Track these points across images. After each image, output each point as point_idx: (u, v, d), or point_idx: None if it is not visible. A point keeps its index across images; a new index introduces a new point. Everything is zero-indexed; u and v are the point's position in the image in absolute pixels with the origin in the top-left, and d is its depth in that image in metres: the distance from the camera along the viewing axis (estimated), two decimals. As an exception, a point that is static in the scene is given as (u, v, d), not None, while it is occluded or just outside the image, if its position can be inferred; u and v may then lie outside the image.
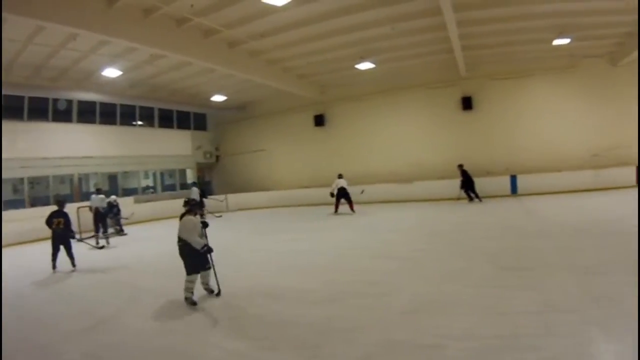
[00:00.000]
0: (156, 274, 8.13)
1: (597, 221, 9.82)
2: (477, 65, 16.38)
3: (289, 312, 5.28)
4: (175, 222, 6.08)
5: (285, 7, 10.22)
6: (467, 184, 15.45)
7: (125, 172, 18.77)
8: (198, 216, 6.22)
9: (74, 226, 9.64)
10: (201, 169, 21.58)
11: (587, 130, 15.91)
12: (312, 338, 4.51)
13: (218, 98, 18.68)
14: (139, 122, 18.89)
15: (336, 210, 15.22)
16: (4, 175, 14.02)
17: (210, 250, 5.93)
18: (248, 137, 21.48)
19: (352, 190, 15.25)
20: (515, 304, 4.93)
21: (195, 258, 5.85)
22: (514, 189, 16.08)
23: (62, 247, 8.86)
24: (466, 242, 8.91)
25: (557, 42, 13.65)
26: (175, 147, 19.84)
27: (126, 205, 15.52)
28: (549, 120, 16.32)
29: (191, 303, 5.75)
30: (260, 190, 20.29)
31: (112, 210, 13.51)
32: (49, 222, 8.83)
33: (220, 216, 17.17)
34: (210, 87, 17.58)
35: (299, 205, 18.74)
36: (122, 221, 14.04)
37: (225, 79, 16.53)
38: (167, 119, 19.62)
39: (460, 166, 15.61)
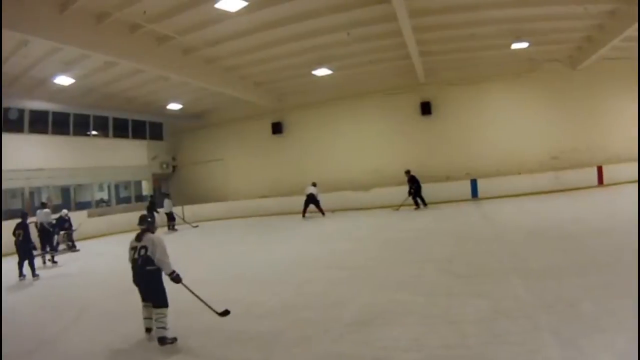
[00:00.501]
0: (106, 291, 7.68)
1: (554, 223, 9.97)
2: (435, 70, 16.53)
3: (234, 327, 5.05)
4: (130, 236, 5.54)
5: (239, 13, 10.03)
6: (416, 190, 15.39)
7: (79, 185, 18.00)
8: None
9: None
10: (157, 180, 20.88)
11: (546, 133, 16.40)
12: (256, 354, 4.34)
13: (174, 106, 18.21)
14: (94, 132, 18.05)
15: (303, 215, 16.10)
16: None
17: (179, 278, 4.94)
18: (205, 146, 20.91)
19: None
20: (465, 312, 4.86)
21: (161, 289, 4.94)
22: (474, 193, 16.28)
23: None
24: (420, 250, 8.89)
25: (515, 46, 13.93)
26: (131, 157, 19.13)
27: (79, 219, 14.71)
28: (509, 123, 16.70)
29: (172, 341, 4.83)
30: (218, 200, 19.73)
31: (64, 225, 12.89)
32: (13, 233, 9.37)
33: (197, 226, 16.65)
34: (165, 95, 17.10)
35: (258, 216, 18.33)
36: (75, 236, 13.39)
37: (180, 87, 16.13)
38: (122, 129, 18.84)
39: (408, 172, 15.51)
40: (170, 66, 12.81)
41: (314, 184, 16.47)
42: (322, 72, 15.33)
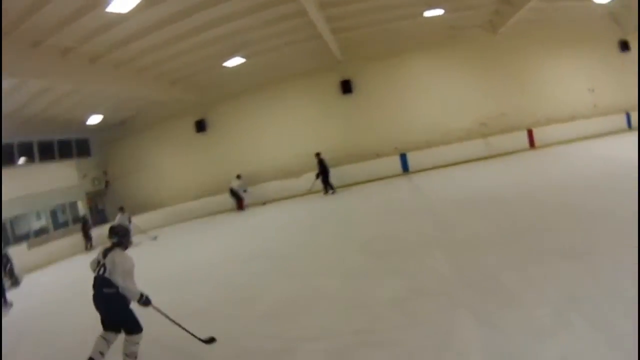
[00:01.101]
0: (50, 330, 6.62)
1: (483, 191, 10.20)
2: (352, 47, 16.51)
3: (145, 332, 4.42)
4: (73, 262, 4.88)
5: (139, 10, 9.56)
6: (323, 174, 15.48)
7: (15, 217, 16.95)
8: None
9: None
10: (92, 197, 20.02)
11: (473, 100, 16.87)
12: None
13: (95, 120, 17.50)
14: (19, 160, 16.95)
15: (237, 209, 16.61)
16: None
17: (148, 301, 4.30)
18: (133, 154, 19.98)
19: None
20: (379, 294, 4.80)
21: (130, 313, 4.29)
22: (405, 167, 16.68)
23: None
24: (342, 232, 9.06)
25: (428, 14, 14.03)
26: (61, 179, 18.16)
27: (19, 254, 13.41)
28: (435, 93, 17.04)
29: None
30: (154, 208, 18.80)
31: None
32: None
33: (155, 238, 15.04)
34: (82, 108, 16.26)
35: (194, 218, 17.87)
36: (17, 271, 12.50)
37: (95, 98, 15.40)
38: (48, 151, 17.71)
39: (318, 155, 15.59)
40: (77, 77, 12.21)
41: (239, 176, 16.50)
42: (235, 61, 15.07)
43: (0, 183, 11.72)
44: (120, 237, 4.44)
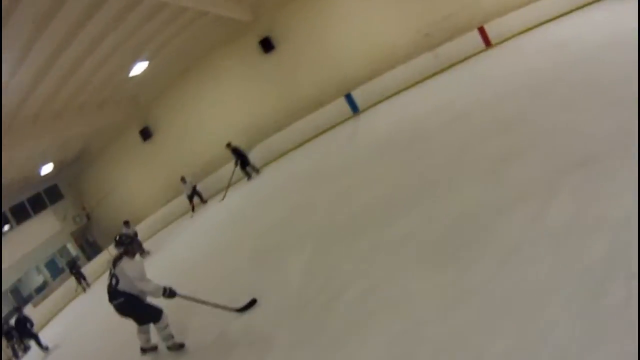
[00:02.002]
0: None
1: (429, 117, 8.96)
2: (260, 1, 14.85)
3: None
4: (75, 306, 5.29)
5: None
6: (242, 162, 14.45)
7: (19, 280, 17.60)
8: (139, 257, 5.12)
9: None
10: (79, 235, 20.30)
11: (409, 7, 14.26)
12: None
13: (47, 169, 17.32)
14: (5, 227, 17.25)
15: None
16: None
17: (173, 293, 4.67)
18: (98, 180, 19.73)
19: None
20: None
21: (147, 309, 4.71)
22: (354, 108, 14.93)
23: None
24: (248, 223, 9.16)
25: None
26: (44, 231, 18.42)
27: (31, 314, 13.84)
28: (364, 13, 14.66)
29: (152, 348, 5.09)
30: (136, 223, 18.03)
31: (26, 326, 11.47)
32: None
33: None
34: (30, 164, 16.09)
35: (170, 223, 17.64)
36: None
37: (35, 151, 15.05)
38: (22, 212, 18.00)
39: (229, 145, 14.49)
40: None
41: (183, 179, 15.66)
42: (139, 68, 13.95)
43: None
44: (126, 246, 4.68)
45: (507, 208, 3.85)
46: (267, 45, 15.50)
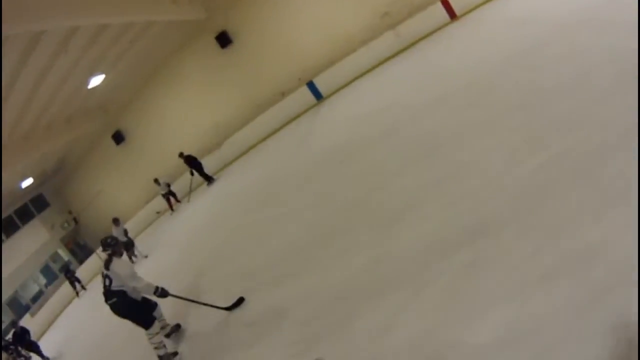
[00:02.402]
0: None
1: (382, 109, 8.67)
2: None
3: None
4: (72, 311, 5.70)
5: None
6: (198, 170, 14.68)
7: (16, 292, 18.40)
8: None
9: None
10: (69, 241, 21.12)
11: None
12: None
13: (27, 183, 17.72)
14: None
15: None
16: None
17: (165, 292, 4.87)
18: (80, 186, 20.51)
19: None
20: None
21: (141, 307, 4.95)
22: (317, 95, 14.88)
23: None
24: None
25: None
26: (35, 240, 19.17)
27: (27, 324, 14.31)
28: (318, 4, 14.31)
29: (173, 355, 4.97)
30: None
31: (24, 337, 12.10)
32: None
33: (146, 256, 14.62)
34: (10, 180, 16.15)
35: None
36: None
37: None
38: (10, 225, 18.63)
39: (181, 154, 14.67)
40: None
41: (156, 181, 15.95)
42: (97, 80, 13.64)
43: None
44: (112, 247, 4.86)
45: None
46: (224, 40, 15.33)
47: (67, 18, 8.32)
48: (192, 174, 14.64)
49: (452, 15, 12.69)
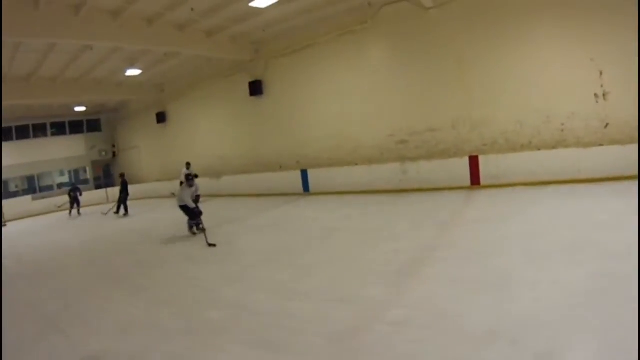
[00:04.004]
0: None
1: None
2: (265, 41, 14.29)
3: None
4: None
5: None
6: (124, 196, 14.61)
7: (40, 174, 22.01)
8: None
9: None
10: (99, 166, 23.78)
11: (392, 103, 12.09)
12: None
13: (80, 108, 20.39)
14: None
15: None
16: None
17: (199, 211, 9.25)
18: (126, 136, 23.07)
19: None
20: None
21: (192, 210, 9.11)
22: (305, 187, 14.01)
23: None
24: None
25: None
26: (69, 150, 22.27)
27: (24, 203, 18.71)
28: (343, 95, 13.13)
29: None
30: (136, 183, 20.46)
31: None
32: None
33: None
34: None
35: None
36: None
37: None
38: (61, 127, 22.17)
39: (122, 175, 15.12)
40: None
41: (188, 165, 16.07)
42: (133, 72, 15.01)
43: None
44: (188, 180, 9.40)
45: None
46: (256, 87, 15.07)
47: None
48: (120, 193, 14.85)
49: (476, 180, 10.65)
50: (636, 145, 8.46)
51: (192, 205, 9.02)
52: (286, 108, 14.66)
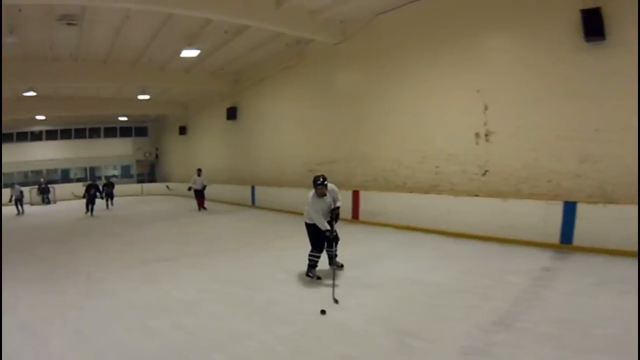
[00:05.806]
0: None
1: None
2: (240, 73, 17.01)
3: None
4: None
5: None
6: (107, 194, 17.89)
7: (92, 167, 27.13)
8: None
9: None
10: (144, 164, 28.71)
11: (307, 137, 13.71)
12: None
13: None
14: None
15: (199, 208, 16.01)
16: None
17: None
18: (163, 141, 27.96)
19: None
20: None
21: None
22: (253, 200, 16.39)
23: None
24: None
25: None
26: (118, 149, 27.37)
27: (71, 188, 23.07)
28: (279, 125, 15.32)
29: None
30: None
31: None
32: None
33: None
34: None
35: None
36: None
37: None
38: (112, 132, 27.42)
39: (107, 178, 18.41)
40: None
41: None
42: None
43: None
44: (315, 184, 6.15)
45: None
46: (231, 113, 17.83)
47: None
48: (101, 192, 16.95)
49: (355, 214, 11.18)
50: (527, 201, 7.68)
51: (324, 225, 5.75)
52: (248, 132, 17.26)
